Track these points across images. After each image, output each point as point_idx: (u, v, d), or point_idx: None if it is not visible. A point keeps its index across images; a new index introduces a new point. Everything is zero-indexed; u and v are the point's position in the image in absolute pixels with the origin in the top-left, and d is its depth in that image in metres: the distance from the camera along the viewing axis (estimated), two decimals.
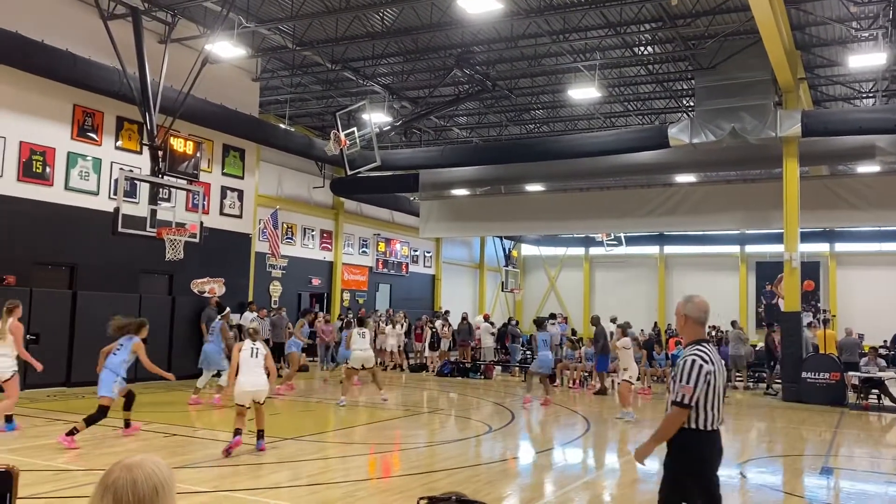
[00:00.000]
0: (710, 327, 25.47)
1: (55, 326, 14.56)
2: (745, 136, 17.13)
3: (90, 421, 9.01)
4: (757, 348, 20.86)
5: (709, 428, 4.28)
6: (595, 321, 17.72)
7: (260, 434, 8.90)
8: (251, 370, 8.83)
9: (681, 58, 18.57)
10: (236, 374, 8.89)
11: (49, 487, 6.78)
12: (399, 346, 22.33)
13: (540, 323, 16.70)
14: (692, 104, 20.64)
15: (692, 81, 19.29)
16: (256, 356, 8.90)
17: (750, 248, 33.74)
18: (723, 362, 4.67)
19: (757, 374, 20.17)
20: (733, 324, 20.52)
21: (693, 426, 4.28)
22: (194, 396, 12.98)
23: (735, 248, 34.14)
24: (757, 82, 17.12)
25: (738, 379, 19.80)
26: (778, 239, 19.21)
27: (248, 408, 8.93)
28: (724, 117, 17.35)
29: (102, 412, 9.11)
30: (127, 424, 9.80)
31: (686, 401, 4.24)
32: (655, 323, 28.95)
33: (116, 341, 9.55)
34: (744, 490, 8.05)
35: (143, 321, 9.92)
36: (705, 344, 4.42)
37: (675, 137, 17.85)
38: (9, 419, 9.74)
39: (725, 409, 4.68)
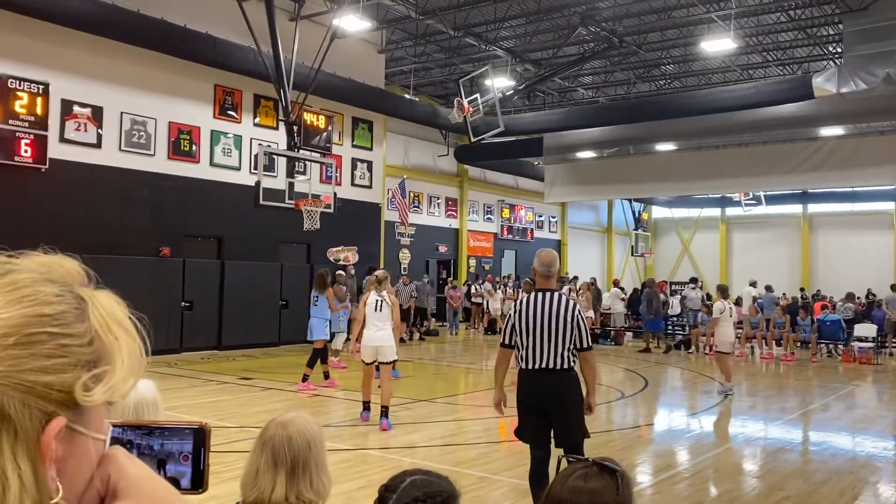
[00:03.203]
0: (868, 292, 23.78)
1: (206, 294, 15.64)
2: None
3: (311, 363, 10.84)
4: None
5: (524, 367, 4.93)
6: (647, 284, 20.12)
7: (383, 411, 8.17)
8: (372, 324, 8.28)
9: (826, 1, 17.19)
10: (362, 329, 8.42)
11: None
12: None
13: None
14: (839, 50, 19.08)
15: (839, 26, 17.81)
16: (380, 309, 8.29)
17: None
18: (555, 309, 4.78)
19: None
20: (893, 287, 19.10)
21: (518, 365, 5.01)
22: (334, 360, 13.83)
23: (889, 205, 31.51)
24: None
25: (893, 344, 18.45)
26: None
27: (372, 363, 8.38)
28: (877, 63, 15.93)
29: (318, 353, 10.97)
30: (326, 376, 11.13)
31: (502, 340, 5.03)
32: (802, 288, 27.29)
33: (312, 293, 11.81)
34: None
35: (318, 276, 11.78)
36: (537, 293, 4.89)
37: (820, 87, 16.61)
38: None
39: (877, 377, 4.41)
